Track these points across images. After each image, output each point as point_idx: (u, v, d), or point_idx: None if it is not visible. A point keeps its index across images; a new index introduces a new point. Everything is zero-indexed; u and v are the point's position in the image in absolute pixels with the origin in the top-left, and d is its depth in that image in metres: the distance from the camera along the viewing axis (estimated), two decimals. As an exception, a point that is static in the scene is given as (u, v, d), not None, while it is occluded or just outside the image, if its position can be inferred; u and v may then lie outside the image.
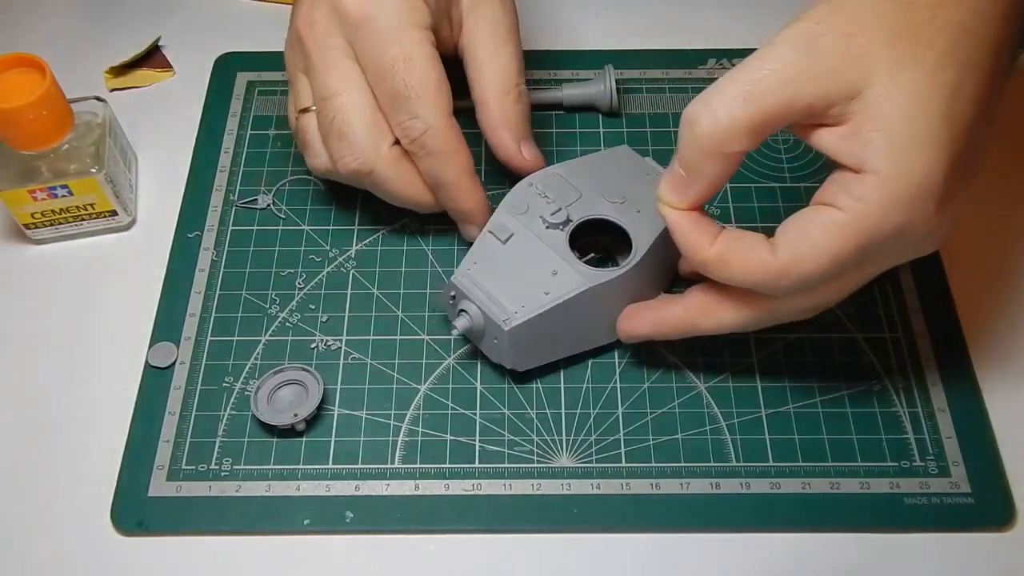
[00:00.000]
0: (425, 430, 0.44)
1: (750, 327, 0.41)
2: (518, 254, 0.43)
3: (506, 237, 0.43)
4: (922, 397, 0.44)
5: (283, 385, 0.44)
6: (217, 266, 0.49)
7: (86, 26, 0.59)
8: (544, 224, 0.44)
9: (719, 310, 0.40)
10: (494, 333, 0.42)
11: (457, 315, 0.43)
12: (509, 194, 0.45)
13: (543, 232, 0.44)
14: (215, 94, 0.56)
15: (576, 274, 0.42)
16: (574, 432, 0.44)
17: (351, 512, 0.42)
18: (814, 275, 0.36)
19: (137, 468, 0.43)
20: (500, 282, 0.42)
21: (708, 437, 0.43)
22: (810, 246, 0.35)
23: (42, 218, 0.48)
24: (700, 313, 0.41)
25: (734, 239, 0.37)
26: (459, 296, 0.43)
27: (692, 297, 0.41)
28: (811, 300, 0.39)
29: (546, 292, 0.42)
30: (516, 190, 0.45)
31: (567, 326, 0.43)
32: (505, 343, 0.42)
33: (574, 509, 0.42)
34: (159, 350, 0.46)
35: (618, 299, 0.43)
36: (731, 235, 0.37)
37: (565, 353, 0.45)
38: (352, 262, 0.49)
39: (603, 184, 0.46)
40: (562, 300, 0.42)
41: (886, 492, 0.42)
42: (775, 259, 0.36)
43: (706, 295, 0.41)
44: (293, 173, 0.52)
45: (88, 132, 0.48)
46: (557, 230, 0.44)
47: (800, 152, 0.52)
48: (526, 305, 0.42)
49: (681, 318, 0.41)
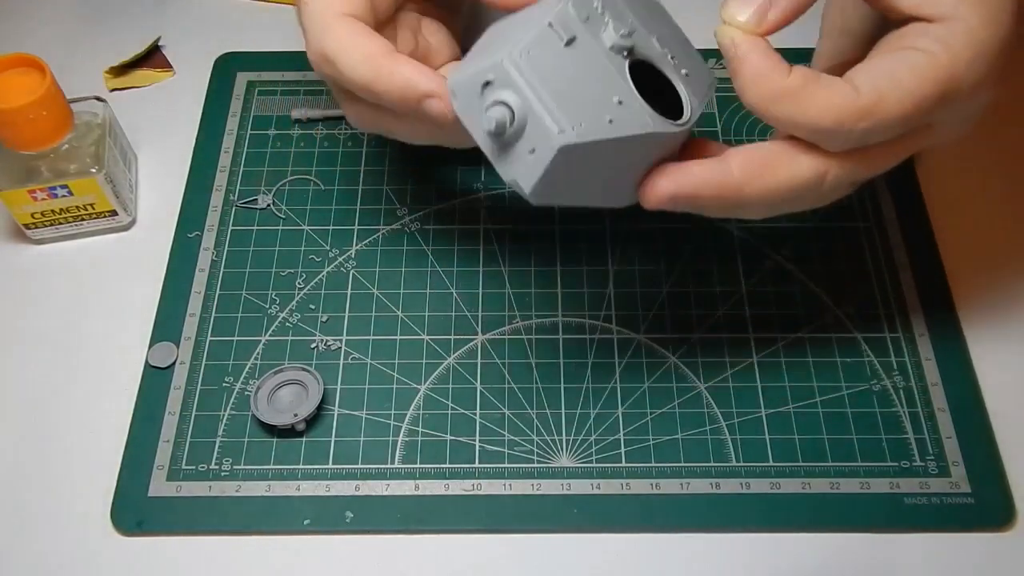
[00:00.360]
0: (425, 430, 0.44)
1: (795, 199, 0.37)
2: (580, 64, 0.35)
3: (569, 38, 0.34)
4: (922, 397, 0.44)
5: (283, 385, 0.44)
6: (217, 266, 0.49)
7: (86, 26, 0.59)
8: (608, 43, 0.35)
9: (771, 170, 0.35)
10: (533, 142, 0.33)
11: (492, 105, 0.34)
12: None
13: (607, 51, 0.35)
14: (215, 94, 0.56)
15: (643, 112, 0.35)
16: (574, 432, 0.44)
17: (351, 512, 0.42)
18: (895, 118, 0.34)
19: (137, 468, 0.43)
20: (556, 86, 0.33)
21: (708, 437, 0.43)
22: (896, 86, 0.33)
23: (42, 218, 0.48)
24: (750, 173, 0.35)
25: (811, 73, 0.34)
26: (498, 83, 0.34)
27: (742, 155, 0.36)
28: (865, 165, 0.36)
29: (610, 120, 0.34)
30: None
31: (608, 167, 0.36)
32: (545, 160, 0.33)
33: (574, 509, 0.42)
34: (159, 350, 0.46)
35: (656, 157, 0.36)
36: (806, 69, 0.34)
37: (584, 202, 0.37)
38: (352, 262, 0.49)
39: (653, 28, 0.38)
40: (625, 135, 0.34)
41: (886, 492, 0.42)
42: (859, 97, 0.34)
43: (757, 152, 0.36)
44: (293, 173, 0.52)
45: (88, 132, 0.48)
46: (620, 56, 0.36)
47: (800, 152, 0.52)
48: (585, 124, 0.33)
49: (725, 178, 0.35)
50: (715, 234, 0.49)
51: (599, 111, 0.34)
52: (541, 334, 0.46)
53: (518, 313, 0.47)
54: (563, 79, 0.34)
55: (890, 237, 0.49)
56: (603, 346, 0.46)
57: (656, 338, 0.46)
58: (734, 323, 0.47)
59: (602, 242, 0.49)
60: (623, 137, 0.34)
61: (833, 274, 0.48)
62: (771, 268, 0.48)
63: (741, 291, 0.48)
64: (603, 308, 0.47)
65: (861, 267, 0.48)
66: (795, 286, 0.48)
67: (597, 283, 0.48)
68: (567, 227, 0.50)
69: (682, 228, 0.49)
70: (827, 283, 0.48)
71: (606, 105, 0.34)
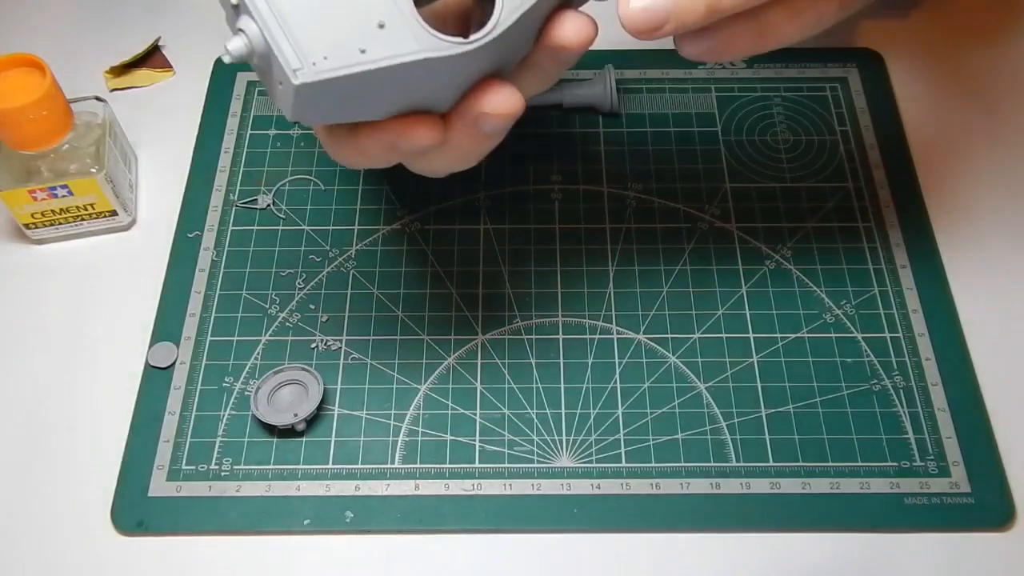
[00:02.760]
0: (425, 430, 0.44)
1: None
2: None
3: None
4: (922, 397, 0.44)
5: (283, 385, 0.44)
6: (217, 266, 0.49)
7: (86, 26, 0.59)
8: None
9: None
10: (279, 76, 0.31)
11: (235, 32, 0.31)
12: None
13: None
14: (215, 94, 0.56)
15: (410, 34, 0.31)
16: (574, 432, 0.44)
17: (351, 512, 0.42)
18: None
19: (137, 468, 0.43)
20: (305, 9, 0.30)
21: (708, 437, 0.43)
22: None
23: (42, 218, 0.48)
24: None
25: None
26: (242, 7, 0.31)
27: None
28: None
29: (362, 49, 0.30)
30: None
31: (384, 91, 0.32)
32: (290, 97, 0.31)
33: (574, 509, 0.42)
34: (159, 350, 0.46)
35: (460, 76, 0.33)
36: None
37: (376, 116, 0.34)
38: (352, 262, 0.49)
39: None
40: (380, 66, 0.30)
41: (886, 492, 0.42)
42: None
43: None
44: (293, 173, 0.52)
45: (88, 132, 0.48)
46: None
47: (800, 152, 0.52)
48: (330, 57, 0.30)
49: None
50: (715, 234, 0.49)
51: (351, 36, 0.30)
52: (541, 334, 0.46)
53: (518, 313, 0.47)
54: (312, 2, 0.30)
55: (890, 237, 0.49)
56: (603, 346, 0.46)
57: (656, 338, 0.46)
58: (734, 323, 0.47)
59: (602, 242, 0.49)
60: (381, 67, 0.31)
61: (833, 274, 0.48)
62: (771, 268, 0.48)
63: (741, 291, 0.48)
64: (603, 308, 0.47)
65: (861, 267, 0.48)
66: (795, 286, 0.48)
67: (597, 283, 0.48)
68: (567, 227, 0.50)
69: (682, 228, 0.49)
70: (827, 283, 0.48)
71: (362, 31, 0.30)
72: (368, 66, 0.30)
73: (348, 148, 0.36)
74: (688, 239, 0.49)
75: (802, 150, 0.52)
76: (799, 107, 0.54)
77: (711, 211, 0.50)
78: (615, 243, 0.49)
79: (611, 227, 0.50)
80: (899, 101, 0.54)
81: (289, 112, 0.32)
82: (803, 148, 0.52)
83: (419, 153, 0.35)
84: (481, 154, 0.36)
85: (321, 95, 0.31)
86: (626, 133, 0.53)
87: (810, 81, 0.55)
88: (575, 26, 0.33)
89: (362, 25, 0.30)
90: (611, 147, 0.53)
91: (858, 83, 0.55)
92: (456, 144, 0.35)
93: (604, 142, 0.53)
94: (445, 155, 0.36)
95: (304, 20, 0.30)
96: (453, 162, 0.36)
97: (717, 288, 0.48)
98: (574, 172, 0.52)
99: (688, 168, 0.52)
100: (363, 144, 0.35)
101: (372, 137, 0.34)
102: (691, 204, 0.50)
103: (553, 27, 0.33)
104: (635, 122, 0.54)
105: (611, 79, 0.53)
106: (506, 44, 0.33)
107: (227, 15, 0.32)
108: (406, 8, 0.31)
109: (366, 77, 0.31)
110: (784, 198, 0.51)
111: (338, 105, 0.32)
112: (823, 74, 0.55)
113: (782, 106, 0.54)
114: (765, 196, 0.51)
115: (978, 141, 0.53)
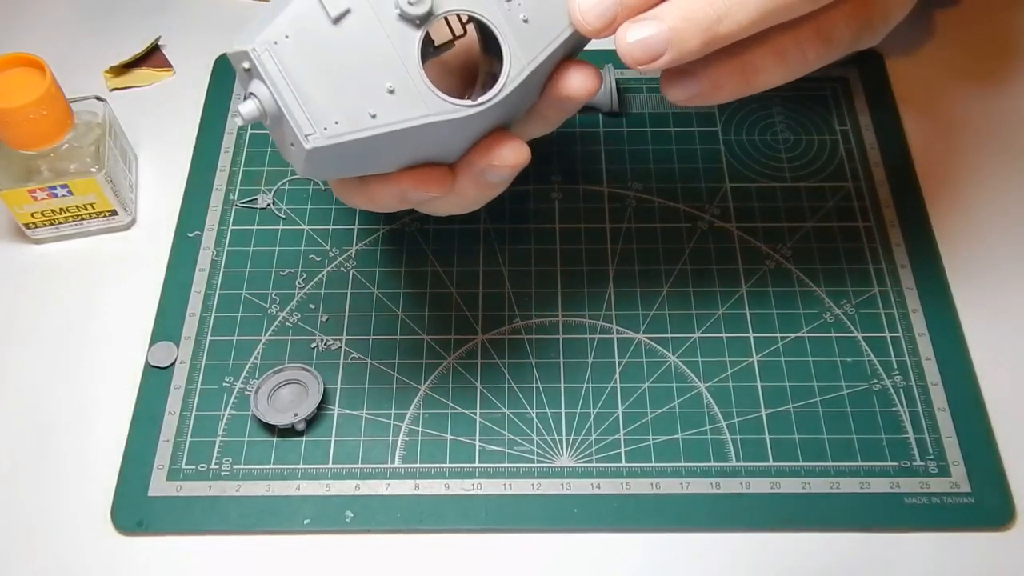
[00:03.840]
0: (425, 430, 0.44)
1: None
2: (350, 43, 0.31)
3: (339, 13, 0.31)
4: (922, 397, 0.44)
5: (283, 385, 0.44)
6: (217, 266, 0.49)
7: (86, 26, 0.59)
8: (396, 11, 0.31)
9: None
10: (290, 138, 0.32)
11: (246, 96, 0.32)
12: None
13: (392, 22, 0.31)
14: (215, 94, 0.56)
15: (419, 98, 0.31)
16: (574, 432, 0.44)
17: (351, 512, 0.42)
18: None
19: (137, 468, 0.43)
20: (316, 74, 0.31)
21: (708, 437, 0.43)
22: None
23: (42, 218, 0.48)
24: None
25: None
26: (254, 71, 0.31)
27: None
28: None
29: (373, 114, 0.31)
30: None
31: (394, 150, 0.33)
32: (302, 158, 0.32)
33: (574, 509, 0.42)
34: (159, 350, 0.46)
35: (468, 133, 0.34)
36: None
37: (385, 170, 0.35)
38: (352, 262, 0.49)
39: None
40: (390, 129, 0.31)
41: (886, 492, 0.42)
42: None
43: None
44: (293, 173, 0.52)
45: (88, 132, 0.48)
46: (411, 26, 0.31)
47: (800, 152, 0.52)
48: (341, 122, 0.31)
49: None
50: (715, 234, 0.49)
51: (362, 101, 0.31)
52: (541, 334, 0.46)
53: (518, 313, 0.47)
54: (323, 67, 0.31)
55: (890, 237, 0.49)
56: (603, 346, 0.46)
57: (656, 338, 0.46)
58: (734, 323, 0.47)
59: (602, 242, 0.49)
60: (391, 131, 0.32)
61: (833, 274, 0.48)
62: (771, 268, 0.48)
63: (741, 291, 0.48)
64: (603, 308, 0.47)
65: (861, 267, 0.48)
66: (795, 286, 0.48)
67: (597, 283, 0.48)
68: (567, 227, 0.50)
69: (682, 227, 0.49)
70: (827, 283, 0.48)
71: (373, 95, 0.31)
72: (378, 130, 0.31)
73: (359, 196, 0.37)
74: (688, 239, 0.49)
75: (802, 150, 0.52)
76: (799, 107, 0.54)
77: (711, 211, 0.50)
78: (615, 243, 0.49)
79: (611, 227, 0.50)
80: (899, 101, 0.54)
81: (301, 170, 0.33)
82: (803, 148, 0.53)
83: (427, 201, 0.37)
84: (485, 200, 0.38)
85: (332, 156, 0.32)
86: (626, 133, 0.53)
87: (810, 81, 0.55)
88: (580, 78, 0.34)
89: (373, 90, 0.31)
90: (611, 147, 0.53)
91: (858, 83, 0.55)
92: (462, 192, 0.36)
93: (604, 142, 0.53)
94: (450, 202, 0.37)
95: (315, 85, 0.31)
96: (458, 208, 0.38)
97: (717, 288, 0.48)
98: (574, 172, 0.52)
99: (688, 168, 0.52)
100: (373, 193, 0.36)
101: (383, 188, 0.35)
102: (691, 204, 0.50)
103: (559, 80, 0.34)
104: (635, 122, 0.54)
105: (611, 79, 0.53)
106: (513, 101, 0.33)
107: (238, 77, 0.33)
108: (415, 73, 0.31)
109: (376, 140, 0.32)
110: (784, 198, 0.51)
111: (349, 163, 0.33)
112: (823, 74, 0.55)
113: (782, 106, 0.54)
114: (765, 196, 0.51)
115: (978, 141, 0.53)
